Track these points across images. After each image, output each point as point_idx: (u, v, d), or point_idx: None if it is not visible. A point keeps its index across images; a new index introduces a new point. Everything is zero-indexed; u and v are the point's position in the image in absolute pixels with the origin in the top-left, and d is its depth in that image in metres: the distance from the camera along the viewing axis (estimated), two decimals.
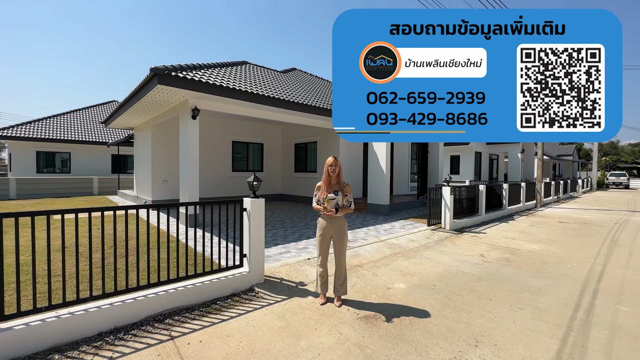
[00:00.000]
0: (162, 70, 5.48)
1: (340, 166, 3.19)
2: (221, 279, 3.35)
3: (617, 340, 2.60)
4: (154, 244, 4.94)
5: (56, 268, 3.71)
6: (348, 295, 3.40)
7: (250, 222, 3.57)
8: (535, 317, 2.99)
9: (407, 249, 5.45)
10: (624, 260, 5.01)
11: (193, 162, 6.66)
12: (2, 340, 2.18)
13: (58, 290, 2.92)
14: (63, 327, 2.41)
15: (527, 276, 4.17)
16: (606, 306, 3.26)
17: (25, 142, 15.76)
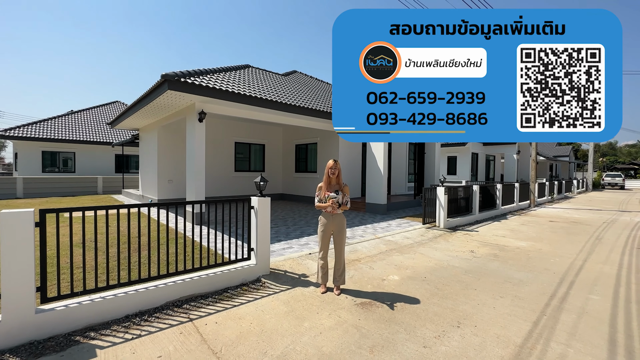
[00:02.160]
0: (172, 76, 5.82)
1: (339, 168, 3.53)
2: (231, 270, 3.70)
3: (583, 323, 2.95)
4: (164, 239, 5.28)
5: (88, 259, 4.04)
6: (346, 285, 3.75)
7: (257, 218, 3.91)
8: (513, 304, 3.34)
9: (402, 245, 5.80)
10: (604, 256, 5.37)
11: (200, 162, 7.00)
12: (45, 318, 2.52)
13: (90, 278, 3.26)
14: (96, 309, 2.75)
15: (511, 270, 4.52)
16: (579, 295, 3.62)
17: (31, 142, 16.07)
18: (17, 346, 2.39)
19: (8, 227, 2.35)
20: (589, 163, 26.08)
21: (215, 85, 6.47)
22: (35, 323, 2.48)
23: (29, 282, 2.45)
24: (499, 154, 22.77)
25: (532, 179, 13.12)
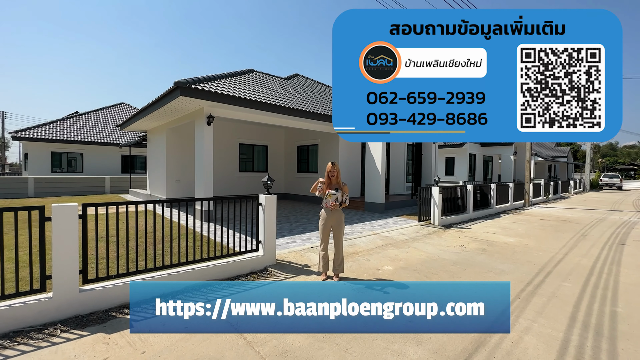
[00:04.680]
0: (184, 83, 6.27)
1: (338, 170, 3.96)
2: (241, 260, 4.14)
3: (551, 304, 3.37)
4: (176, 234, 5.72)
5: (112, 250, 4.49)
6: (345, 274, 4.18)
7: (264, 214, 4.35)
8: None
9: (398, 240, 6.23)
10: (585, 250, 5.78)
11: (208, 163, 7.45)
12: (87, 296, 2.96)
13: (122, 265, 3.70)
14: (127, 290, 3.19)
15: (496, 262, 4.95)
16: (553, 283, 4.04)
17: (40, 143, 16.58)
18: (66, 319, 2.83)
19: (58, 218, 2.79)
20: (587, 164, 26.45)
21: (223, 91, 6.92)
22: (79, 300, 2.92)
23: (74, 265, 2.90)
24: (496, 155, 23.17)
25: (526, 180, 13.53)
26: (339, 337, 2.72)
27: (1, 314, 2.57)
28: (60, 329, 2.69)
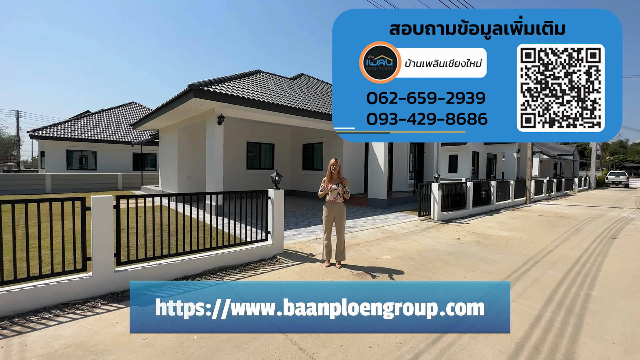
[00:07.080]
0: (197, 86, 6.70)
1: (339, 165, 4.35)
2: (252, 248, 4.56)
3: (532, 288, 3.73)
4: (189, 227, 6.17)
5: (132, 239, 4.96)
6: (346, 261, 4.57)
7: (273, 207, 4.77)
8: (481, 276, 4.13)
9: (397, 234, 6.60)
10: (576, 243, 6.09)
11: (218, 161, 7.89)
12: (121, 276, 3.41)
13: (148, 250, 4.16)
14: (154, 272, 3.64)
15: (488, 253, 5.30)
16: (538, 270, 4.38)
17: (56, 142, 17.25)
18: (104, 295, 3.28)
19: (97, 207, 3.24)
20: (592, 161, 26.39)
21: (233, 92, 7.34)
22: (114, 279, 3.37)
23: (109, 248, 3.34)
24: (499, 153, 23.29)
25: (527, 177, 13.75)
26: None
27: (52, 289, 3.03)
28: (101, 302, 3.14)
